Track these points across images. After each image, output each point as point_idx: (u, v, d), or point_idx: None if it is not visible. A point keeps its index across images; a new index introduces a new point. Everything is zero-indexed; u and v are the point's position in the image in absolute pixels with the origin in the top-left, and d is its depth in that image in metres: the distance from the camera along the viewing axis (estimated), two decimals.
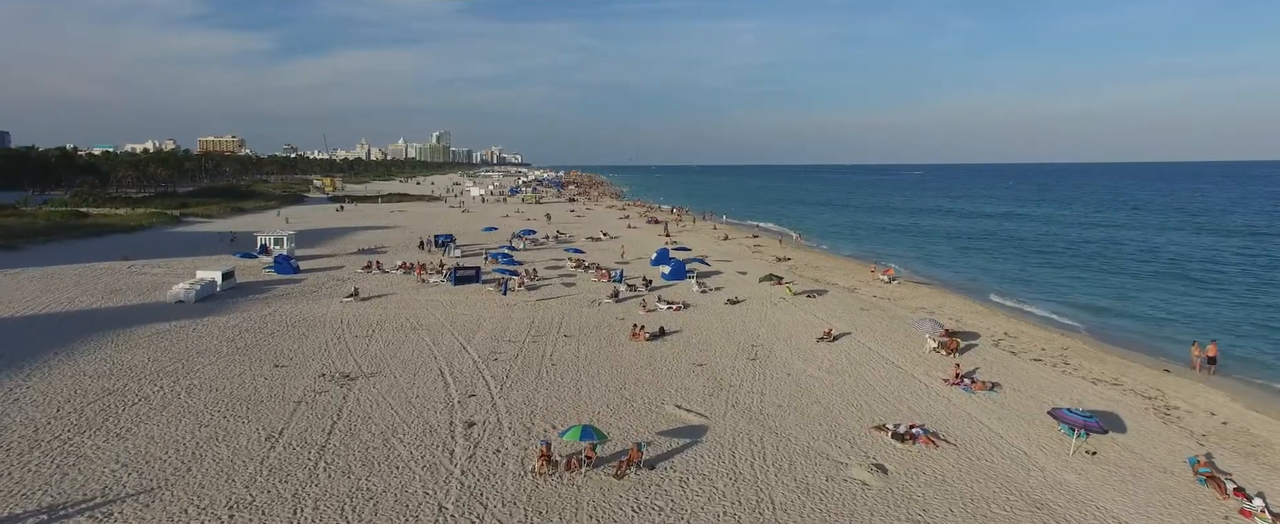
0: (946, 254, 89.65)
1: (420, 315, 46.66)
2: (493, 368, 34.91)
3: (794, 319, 47.28)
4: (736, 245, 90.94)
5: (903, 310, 51.25)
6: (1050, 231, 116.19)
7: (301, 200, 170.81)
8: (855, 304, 52.92)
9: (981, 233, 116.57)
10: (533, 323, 45.02)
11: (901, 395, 31.85)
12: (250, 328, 42.43)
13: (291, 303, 50.12)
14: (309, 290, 55.11)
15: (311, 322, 44.54)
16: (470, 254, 76.41)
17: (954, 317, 49.06)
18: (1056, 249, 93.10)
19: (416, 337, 41.07)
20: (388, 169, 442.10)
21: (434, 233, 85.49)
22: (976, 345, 40.67)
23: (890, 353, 39.13)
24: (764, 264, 74.69)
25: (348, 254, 75.89)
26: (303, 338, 40.33)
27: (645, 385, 32.56)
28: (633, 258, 75.97)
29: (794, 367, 36.16)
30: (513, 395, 30.86)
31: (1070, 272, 73.97)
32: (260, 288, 55.41)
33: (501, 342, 40.22)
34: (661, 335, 42.07)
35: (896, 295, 57.45)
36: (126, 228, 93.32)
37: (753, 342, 41.17)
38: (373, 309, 48.58)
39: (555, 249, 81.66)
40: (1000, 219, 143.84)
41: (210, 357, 35.93)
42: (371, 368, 34.61)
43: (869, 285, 62.11)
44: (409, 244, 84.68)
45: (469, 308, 49.28)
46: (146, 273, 60.49)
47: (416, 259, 70.23)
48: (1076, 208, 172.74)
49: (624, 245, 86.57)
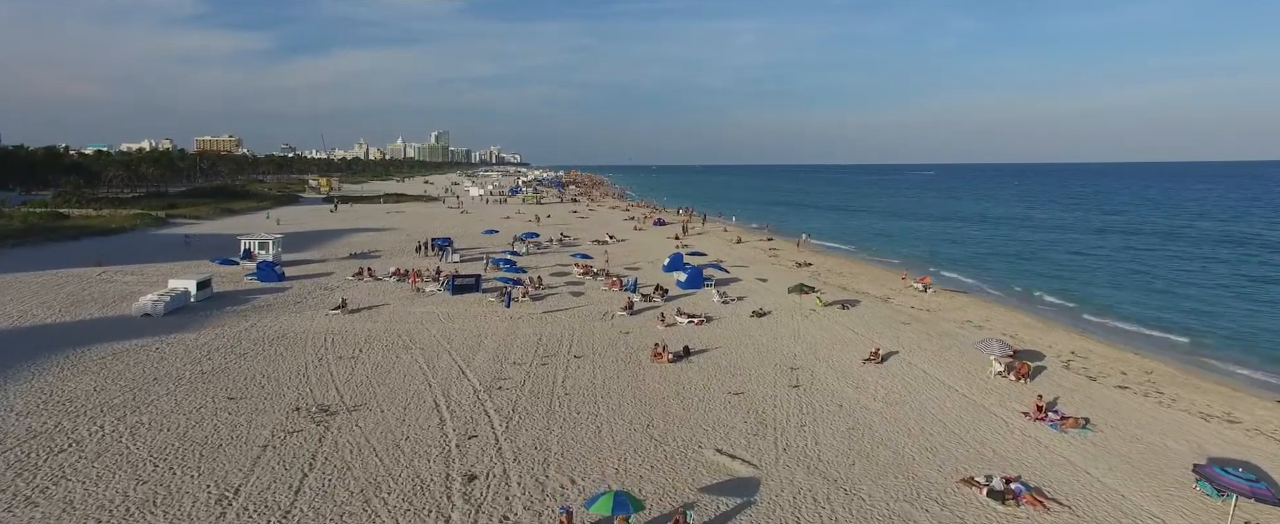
0: (975, 258, 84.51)
1: (414, 331, 41.77)
2: (496, 398, 30.03)
3: (830, 335, 42.41)
4: (751, 249, 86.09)
5: (947, 324, 46.38)
6: (1088, 235, 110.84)
7: (296, 201, 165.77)
8: (893, 317, 48.04)
9: (1007, 235, 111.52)
10: (540, 340, 40.16)
11: (979, 434, 26.98)
12: (221, 346, 37.54)
13: (272, 316, 45.23)
14: (293, 301, 50.21)
15: (292, 338, 39.66)
16: (470, 258, 71.53)
17: (1006, 331, 44.21)
18: (1102, 254, 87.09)
19: (409, 357, 36.20)
20: (386, 169, 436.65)
21: (431, 236, 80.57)
22: (1044, 367, 35.82)
23: (949, 377, 34.27)
24: (783, 270, 69.88)
25: (339, 259, 70.99)
26: (279, 359, 35.43)
27: (676, 421, 27.69)
28: (643, 262, 71.14)
29: (844, 396, 31.28)
30: (521, 436, 25.97)
31: (1127, 279, 68.32)
32: (240, 298, 50.51)
33: (505, 364, 35.34)
34: (686, 356, 37.22)
35: (935, 306, 52.58)
36: (106, 230, 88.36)
37: (791, 363, 36.31)
38: (361, 323, 43.70)
39: (560, 253, 76.78)
40: (1021, 221, 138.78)
41: (169, 384, 31.02)
42: (355, 399, 29.72)
43: (902, 294, 57.23)
44: (405, 248, 79.78)
45: (469, 321, 44.42)
46: (117, 281, 55.56)
47: (412, 265, 65.33)
48: (1115, 208, 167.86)
49: (633, 249, 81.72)
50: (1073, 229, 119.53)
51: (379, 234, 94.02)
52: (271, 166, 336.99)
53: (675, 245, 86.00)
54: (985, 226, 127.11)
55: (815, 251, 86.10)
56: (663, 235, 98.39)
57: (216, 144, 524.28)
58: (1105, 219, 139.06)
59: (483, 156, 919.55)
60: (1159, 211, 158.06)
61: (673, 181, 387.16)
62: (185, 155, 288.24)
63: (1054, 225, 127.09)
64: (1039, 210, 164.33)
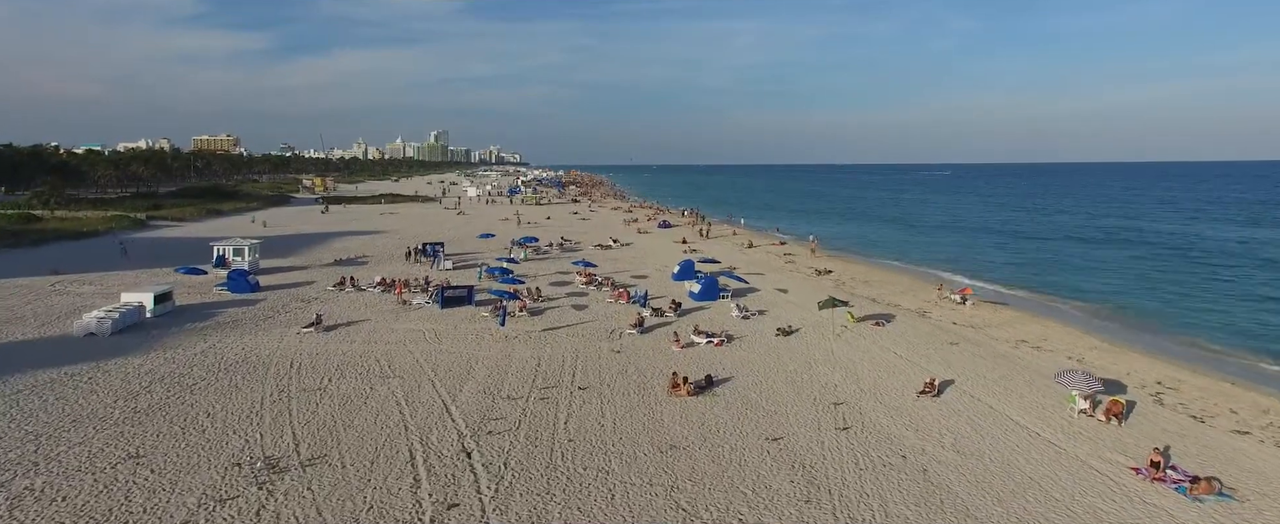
0: (1012, 265, 78.64)
1: (395, 353, 36.46)
2: (485, 447, 24.73)
3: (870, 359, 37.11)
4: (764, 254, 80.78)
5: (1000, 344, 41.06)
6: (1129, 240, 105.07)
7: (287, 201, 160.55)
8: (936, 335, 42.72)
9: (1037, 238, 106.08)
10: (539, 365, 34.85)
11: (1086, 499, 21.64)
12: (169, 374, 32.22)
13: (236, 334, 39.91)
14: (263, 316, 44.90)
15: (253, 363, 34.36)
16: (463, 265, 66.21)
17: (1071, 353, 38.92)
18: (1154, 261, 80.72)
19: (385, 389, 30.89)
20: (384, 168, 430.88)
21: (423, 241, 75.28)
22: (1133, 403, 30.46)
23: (1022, 415, 28.95)
24: (802, 278, 64.60)
25: (322, 266, 65.65)
26: (232, 392, 30.12)
27: (707, 483, 22.36)
28: (650, 270, 65.85)
29: (905, 442, 25.97)
30: (515, 505, 20.66)
31: (1194, 290, 61.97)
32: (204, 312, 45.20)
33: (498, 398, 30.04)
34: (709, 386, 31.93)
35: (980, 322, 47.27)
36: (78, 234, 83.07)
37: (831, 395, 31.03)
38: (336, 343, 38.39)
39: (561, 259, 71.46)
40: (1048, 222, 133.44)
41: (89, 428, 25.69)
42: (313, 448, 24.40)
43: (939, 307, 51.93)
44: (395, 253, 74.46)
45: (458, 341, 39.11)
46: (69, 293, 50.24)
47: (400, 273, 60.04)
48: (1141, 211, 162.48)
49: (638, 255, 76.39)
50: (1111, 233, 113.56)
51: (369, 238, 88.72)
52: (267, 166, 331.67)
53: (683, 250, 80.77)
54: (1010, 229, 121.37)
55: (834, 257, 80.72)
56: (669, 239, 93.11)
57: (214, 143, 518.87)
58: (1138, 222, 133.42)
59: (482, 156, 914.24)
60: (1183, 213, 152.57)
61: (674, 182, 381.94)
62: (180, 154, 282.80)
63: (1088, 228, 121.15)
64: (1067, 212, 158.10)
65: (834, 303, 43.01)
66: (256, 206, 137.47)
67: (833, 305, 42.82)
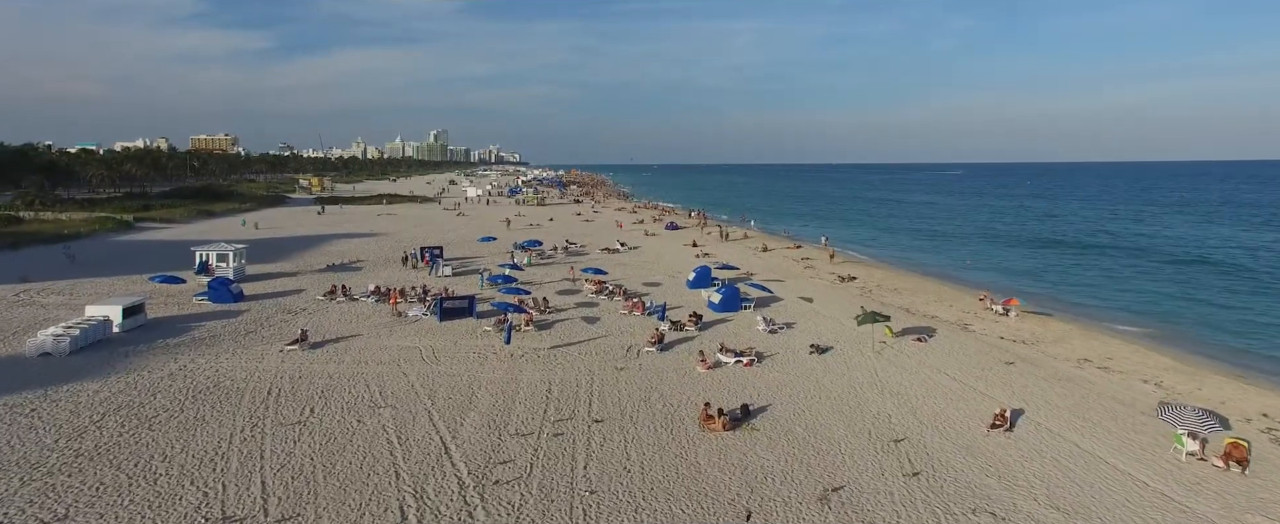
0: (1048, 270, 74.14)
1: (387, 377, 32.37)
2: (492, 501, 20.67)
3: (920, 382, 33.03)
4: (780, 258, 76.65)
5: (1061, 364, 36.96)
6: (1167, 241, 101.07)
7: (283, 201, 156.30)
8: (987, 352, 38.61)
9: (1056, 241, 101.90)
10: (550, 391, 30.78)
11: None
12: (127, 404, 28.13)
13: (212, 353, 35.81)
14: (244, 330, 40.79)
15: (227, 389, 30.27)
16: (463, 271, 62.10)
17: (1147, 376, 34.78)
18: (1188, 264, 76.43)
19: (374, 422, 26.81)
20: (383, 168, 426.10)
21: (420, 245, 71.17)
22: (1245, 443, 26.32)
23: (1117, 457, 24.85)
24: (824, 285, 60.53)
25: (313, 271, 61.53)
26: (198, 427, 26.03)
27: None
28: (663, 276, 61.76)
29: (990, 492, 21.88)
30: None
31: (1246, 301, 57.46)
32: (179, 326, 41.09)
33: (505, 433, 25.97)
34: (746, 417, 27.86)
35: (1030, 336, 43.18)
36: (60, 236, 78.85)
37: (888, 429, 26.95)
38: (322, 363, 34.31)
39: (566, 264, 67.30)
40: (1074, 223, 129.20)
41: (16, 479, 21.59)
42: (285, 505, 20.32)
43: (980, 319, 47.85)
44: (391, 257, 70.28)
45: (458, 361, 35.03)
46: (34, 303, 46.10)
47: (395, 281, 55.93)
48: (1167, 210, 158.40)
49: (648, 259, 72.26)
50: (1134, 236, 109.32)
51: (364, 241, 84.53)
52: (264, 166, 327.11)
53: (694, 254, 76.67)
54: (1030, 232, 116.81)
55: (853, 262, 76.55)
56: (677, 242, 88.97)
57: (211, 143, 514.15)
58: (1160, 226, 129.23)
59: (481, 156, 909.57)
60: (1201, 216, 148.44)
61: (675, 181, 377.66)
62: (175, 153, 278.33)
63: (1110, 232, 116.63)
64: (1084, 214, 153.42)
65: (874, 318, 38.89)
66: (250, 207, 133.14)
67: (873, 320, 38.71)
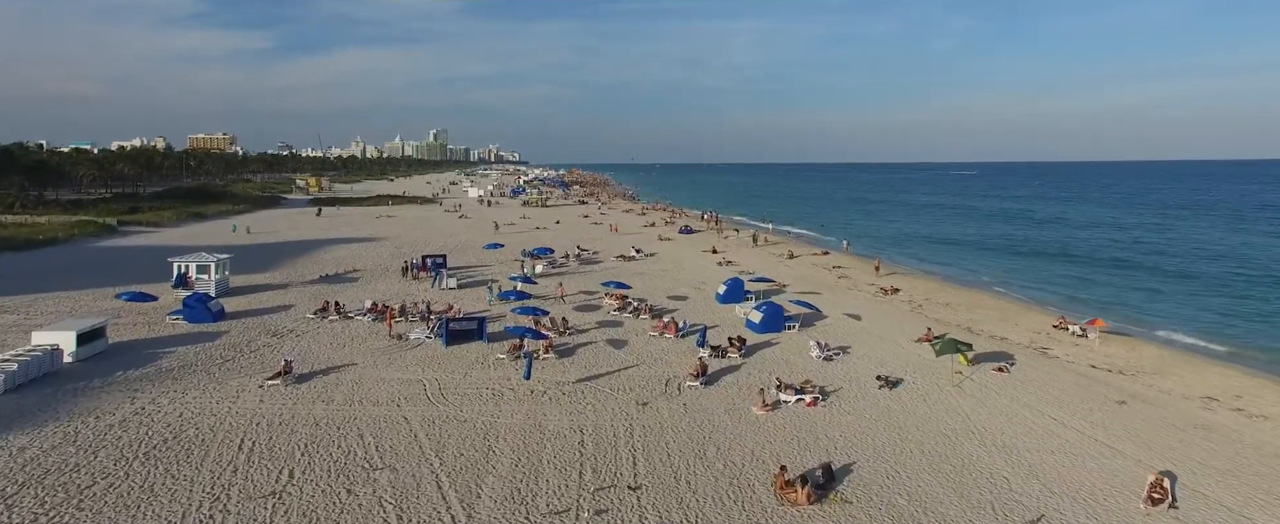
0: (1119, 284, 67.82)
1: (385, 424, 26.90)
2: None
3: (1024, 427, 27.57)
4: (810, 267, 71.17)
5: (1181, 402, 31.45)
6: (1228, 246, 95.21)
7: (278, 203, 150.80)
8: (1088, 387, 33.09)
9: (1123, 249, 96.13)
10: (583, 443, 25.34)
11: None
12: (60, 467, 22.67)
13: (179, 389, 30.34)
14: (221, 357, 35.34)
15: (190, 441, 24.82)
16: (469, 281, 56.68)
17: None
18: (1238, 274, 70.73)
19: (368, 493, 21.35)
20: (382, 167, 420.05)
21: (422, 253, 65.67)
22: None
23: None
24: (866, 298, 55.16)
25: (305, 283, 56.04)
26: (146, 502, 20.56)
27: None
28: (687, 287, 56.34)
29: None
30: None
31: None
32: (146, 353, 35.61)
33: (533, 511, 20.51)
34: (831, 482, 22.43)
35: (1123, 363, 37.68)
36: (31, 243, 73.33)
37: (1013, 502, 21.47)
38: (307, 404, 28.84)
39: (582, 274, 61.89)
40: (1120, 228, 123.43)
41: None
42: None
43: (1057, 341, 42.40)
44: (391, 266, 64.75)
45: (470, 400, 29.58)
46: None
47: (395, 295, 50.49)
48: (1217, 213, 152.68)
49: (669, 268, 66.74)
50: (1169, 242, 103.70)
51: (362, 246, 79.01)
52: (262, 166, 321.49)
53: (716, 262, 71.24)
54: (1063, 237, 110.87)
55: (893, 271, 70.93)
56: (695, 247, 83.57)
57: (209, 142, 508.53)
58: (1191, 230, 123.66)
59: (481, 155, 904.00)
60: (1227, 218, 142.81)
61: (678, 181, 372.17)
62: (171, 153, 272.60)
63: (1148, 237, 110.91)
64: (1109, 212, 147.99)
65: (955, 346, 33.38)
66: (244, 209, 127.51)
67: (954, 349, 33.20)
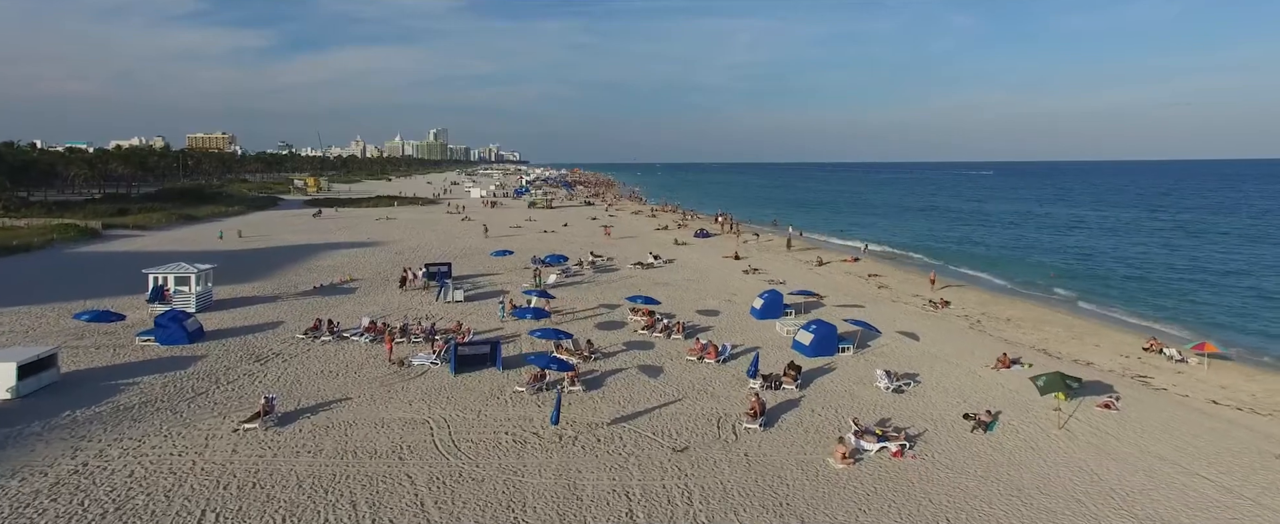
0: (1151, 288, 63.45)
1: (384, 485, 21.72)
2: None
3: (1176, 494, 22.42)
4: (844, 275, 65.92)
5: None
6: None
7: (275, 204, 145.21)
8: (1230, 433, 27.85)
9: (1183, 257, 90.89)
10: (629, 510, 20.22)
11: None
12: None
13: (136, 435, 25.15)
14: (193, 390, 30.14)
15: (136, 513, 19.68)
16: (478, 293, 51.46)
17: None
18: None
19: None
20: (382, 167, 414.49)
21: (425, 261, 60.41)
22: None
23: None
24: (915, 312, 50.03)
25: (296, 295, 50.80)
26: None
27: None
28: (718, 301, 51.11)
29: None
30: None
31: None
32: (104, 385, 30.38)
33: None
34: None
35: (1249, 398, 32.51)
36: (6, 249, 68.03)
37: None
38: (288, 456, 23.66)
39: (598, 285, 56.70)
40: (1174, 231, 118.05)
41: None
42: None
43: (1158, 369, 37.18)
44: (391, 274, 59.48)
45: (486, 451, 24.38)
46: None
47: (395, 310, 45.31)
48: None
49: (692, 277, 61.49)
50: (1243, 247, 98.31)
51: (360, 252, 73.71)
52: (260, 165, 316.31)
53: (742, 270, 66.03)
54: (1130, 242, 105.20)
55: (922, 276, 65.62)
56: (716, 253, 78.36)
57: (208, 141, 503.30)
58: (1237, 227, 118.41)
59: (481, 155, 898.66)
60: (1263, 216, 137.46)
61: (681, 181, 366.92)
62: (167, 152, 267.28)
63: (1187, 242, 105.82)
64: (1134, 212, 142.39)
65: (1064, 382, 28.06)
66: (238, 211, 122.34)
67: (1063, 386, 27.90)
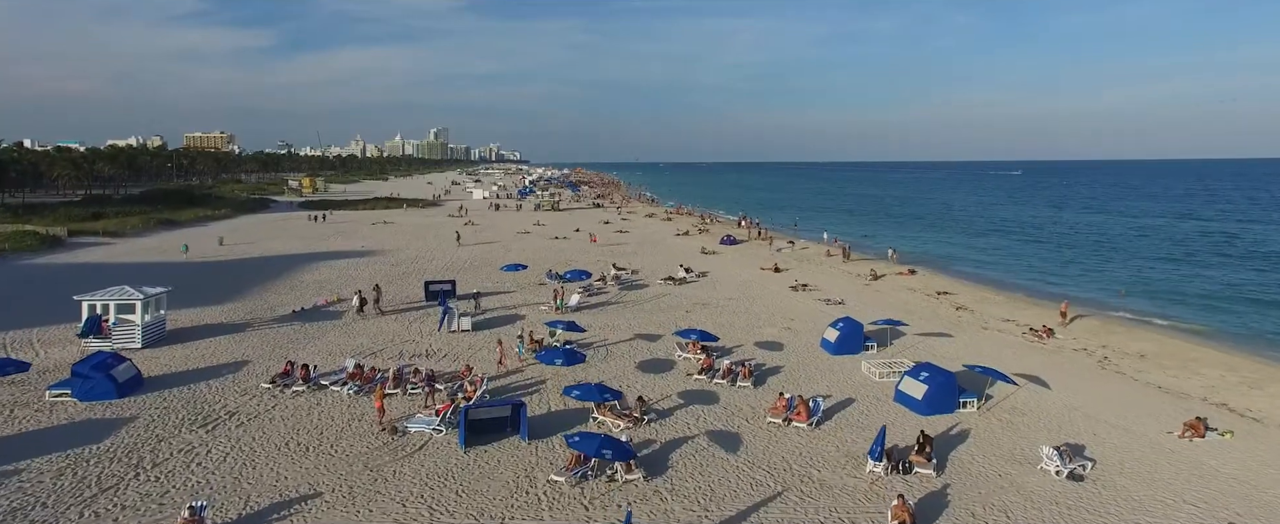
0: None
1: None
2: None
3: None
4: (906, 291, 57.17)
5: None
6: None
7: (266, 206, 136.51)
8: None
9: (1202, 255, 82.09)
10: None
11: None
12: None
13: None
14: (97, 484, 21.61)
15: None
16: (489, 320, 42.77)
17: None
18: None
19: None
20: (381, 167, 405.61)
21: (424, 277, 51.79)
22: None
23: None
24: (1013, 342, 41.62)
25: (273, 322, 42.17)
26: None
27: None
28: (776, 329, 42.49)
29: None
30: None
31: None
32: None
33: None
34: None
35: None
36: None
37: None
38: None
39: (628, 306, 48.13)
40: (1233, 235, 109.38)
41: None
42: None
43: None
44: (388, 290, 50.55)
45: None
46: None
47: (388, 343, 36.76)
48: None
49: (734, 295, 52.80)
50: None
51: (353, 264, 65.02)
52: (257, 165, 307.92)
53: (789, 285, 57.43)
54: (1156, 245, 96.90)
55: (993, 294, 56.78)
56: (751, 264, 69.79)
57: (206, 140, 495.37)
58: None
59: (481, 154, 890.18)
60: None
61: (685, 180, 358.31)
62: (159, 151, 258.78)
63: (1233, 245, 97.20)
64: (1165, 211, 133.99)
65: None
66: (224, 214, 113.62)
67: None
